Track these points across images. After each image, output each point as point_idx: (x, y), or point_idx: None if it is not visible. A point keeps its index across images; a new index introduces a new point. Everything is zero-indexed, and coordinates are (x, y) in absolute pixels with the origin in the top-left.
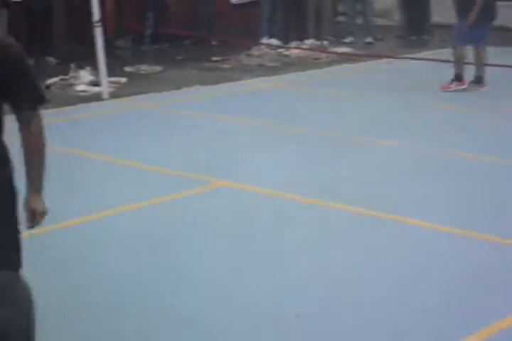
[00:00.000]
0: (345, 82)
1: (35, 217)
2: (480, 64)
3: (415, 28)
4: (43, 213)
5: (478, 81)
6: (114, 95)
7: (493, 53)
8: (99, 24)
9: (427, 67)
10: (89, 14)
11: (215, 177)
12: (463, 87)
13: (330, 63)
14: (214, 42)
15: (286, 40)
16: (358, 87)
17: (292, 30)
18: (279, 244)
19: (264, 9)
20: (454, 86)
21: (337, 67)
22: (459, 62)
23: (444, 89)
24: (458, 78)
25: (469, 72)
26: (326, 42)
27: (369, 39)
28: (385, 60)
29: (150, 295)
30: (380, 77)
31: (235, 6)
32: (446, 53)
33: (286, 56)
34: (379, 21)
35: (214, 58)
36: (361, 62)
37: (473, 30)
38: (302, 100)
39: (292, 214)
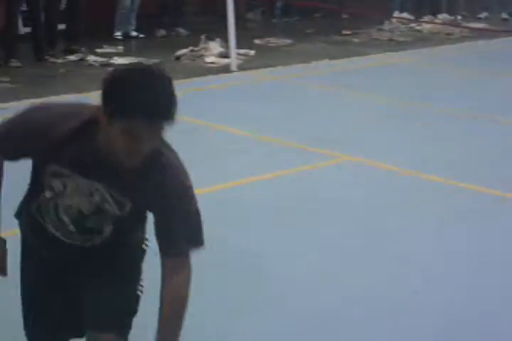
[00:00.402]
0: (477, 59)
1: None
2: None
3: None
4: None
5: None
6: (242, 67)
7: None
8: None
9: None
10: None
11: (342, 152)
12: None
13: (463, 39)
14: (345, 16)
15: (418, 14)
16: (491, 64)
17: (425, 4)
18: (404, 222)
19: None
20: None
21: (470, 43)
22: None
23: None
24: None
25: None
26: (459, 17)
27: (504, 15)
28: None
29: (271, 266)
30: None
31: None
32: None
33: (418, 31)
34: None
35: (344, 32)
36: (496, 39)
37: None
38: (431, 76)
39: (419, 192)
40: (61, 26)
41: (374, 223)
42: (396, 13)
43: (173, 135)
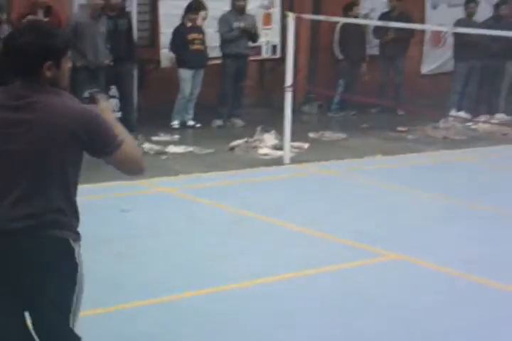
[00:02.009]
0: None
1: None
2: None
3: None
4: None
5: None
6: (295, 160)
7: None
8: (290, 89)
9: None
10: (280, 78)
11: (388, 250)
12: None
13: None
14: (401, 112)
15: (475, 113)
16: None
17: (482, 103)
18: (446, 325)
19: (456, 81)
20: None
21: None
22: None
23: None
24: None
25: None
26: None
27: None
28: None
29: None
30: None
31: (425, 76)
32: None
33: (474, 130)
34: None
35: (399, 128)
36: None
37: None
38: (485, 175)
39: (466, 295)
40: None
41: (410, 325)
42: (452, 112)
43: (222, 226)
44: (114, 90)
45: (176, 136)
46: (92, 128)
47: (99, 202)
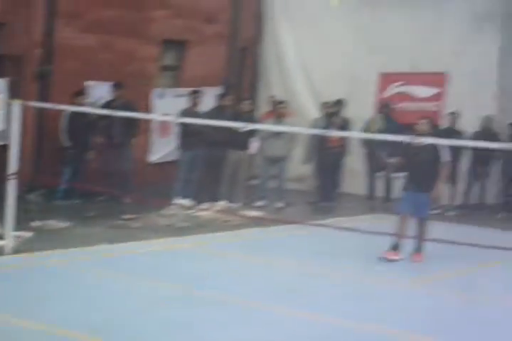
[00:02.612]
0: (252, 246)
1: None
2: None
3: (325, 195)
4: None
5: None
6: (17, 250)
7: None
8: (13, 177)
9: (335, 234)
10: (3, 165)
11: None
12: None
13: (240, 226)
14: (127, 200)
15: (198, 201)
16: (266, 251)
17: (205, 191)
18: None
19: (181, 169)
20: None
21: (247, 231)
22: None
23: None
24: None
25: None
26: (237, 205)
27: (280, 204)
28: (294, 225)
29: None
30: (288, 243)
31: (152, 164)
32: (351, 221)
33: (197, 217)
34: (291, 186)
35: (125, 216)
36: (271, 227)
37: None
38: (208, 262)
39: None
40: None
41: None
42: (177, 199)
43: None
44: None
45: None
46: None
47: None
